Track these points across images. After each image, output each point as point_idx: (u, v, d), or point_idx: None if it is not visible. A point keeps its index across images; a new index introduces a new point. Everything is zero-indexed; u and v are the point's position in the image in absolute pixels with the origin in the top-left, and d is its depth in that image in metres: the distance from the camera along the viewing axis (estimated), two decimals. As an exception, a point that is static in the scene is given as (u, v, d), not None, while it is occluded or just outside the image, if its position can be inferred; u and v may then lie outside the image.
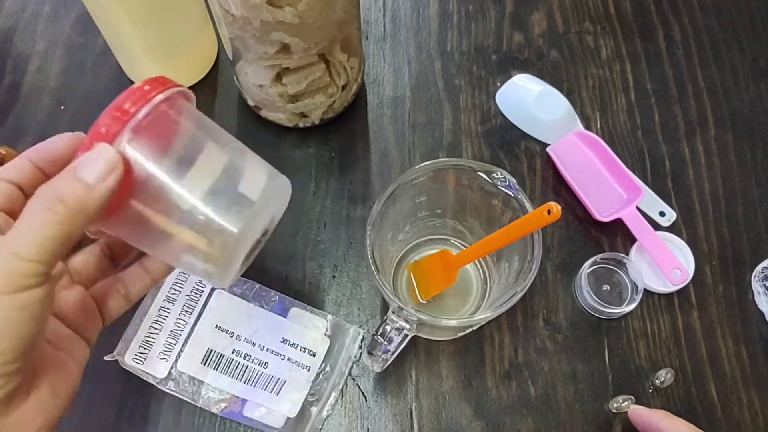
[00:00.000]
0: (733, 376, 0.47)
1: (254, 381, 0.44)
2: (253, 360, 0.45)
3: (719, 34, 0.59)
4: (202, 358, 0.44)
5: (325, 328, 0.46)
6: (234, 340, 0.45)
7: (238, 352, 0.45)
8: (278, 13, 0.41)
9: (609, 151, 0.52)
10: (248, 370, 0.45)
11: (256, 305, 0.46)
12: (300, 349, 0.45)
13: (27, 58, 0.58)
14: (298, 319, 0.46)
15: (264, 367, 0.45)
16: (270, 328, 0.45)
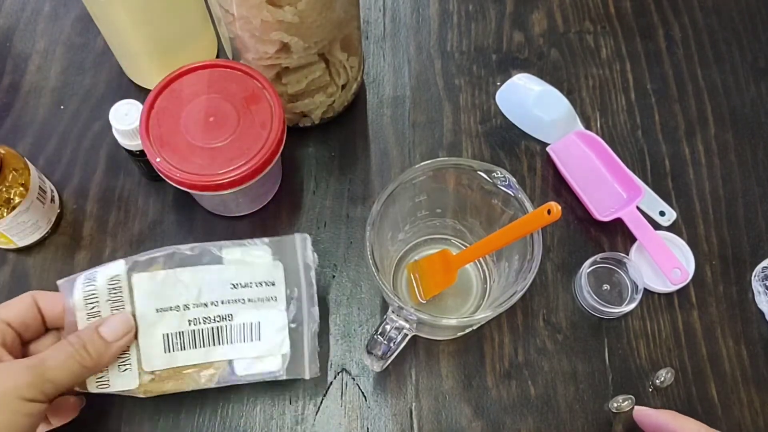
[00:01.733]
0: (733, 375, 0.47)
1: (228, 338, 0.41)
2: (214, 319, 0.41)
3: (719, 33, 0.59)
4: (162, 347, 0.40)
5: (269, 253, 0.42)
6: (183, 312, 0.40)
7: (194, 321, 0.40)
8: (278, 12, 0.41)
9: (609, 151, 0.52)
10: (215, 331, 0.41)
11: (184, 269, 0.41)
12: (255, 285, 0.41)
13: (27, 57, 0.58)
14: (237, 259, 0.41)
15: (229, 320, 0.41)
16: (212, 282, 0.41)
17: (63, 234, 0.51)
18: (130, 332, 0.38)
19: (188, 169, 0.43)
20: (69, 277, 0.40)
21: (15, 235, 0.47)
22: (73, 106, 0.56)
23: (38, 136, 0.54)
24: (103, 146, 0.54)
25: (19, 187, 0.46)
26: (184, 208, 0.51)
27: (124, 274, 0.40)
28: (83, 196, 0.52)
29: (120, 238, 0.50)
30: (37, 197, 0.47)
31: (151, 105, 0.45)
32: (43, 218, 0.48)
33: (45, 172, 0.51)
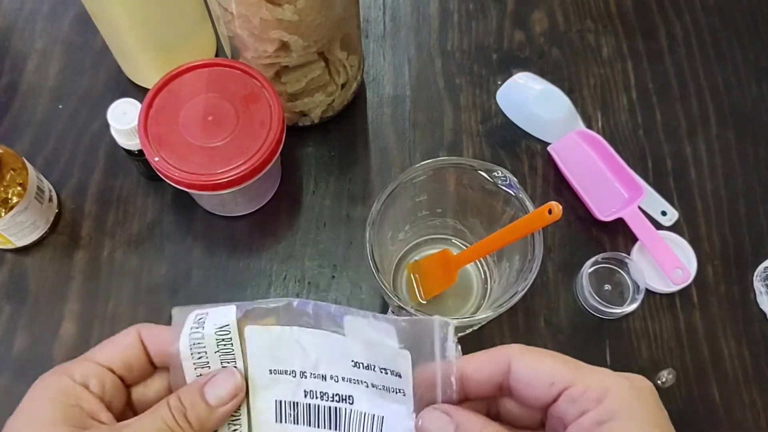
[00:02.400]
0: (735, 376, 0.46)
1: (346, 425, 0.33)
2: (332, 397, 0.33)
3: (721, 32, 0.59)
4: (274, 415, 0.33)
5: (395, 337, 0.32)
6: (299, 380, 0.33)
7: (311, 393, 0.33)
8: (277, 10, 0.41)
9: (610, 150, 0.51)
10: (332, 411, 0.33)
11: (302, 329, 0.33)
12: (380, 370, 0.32)
13: (25, 56, 0.57)
14: (358, 331, 0.33)
15: (349, 402, 0.33)
16: (332, 353, 0.33)
17: (61, 234, 0.50)
18: (239, 395, 0.31)
19: (187, 168, 0.43)
20: (183, 308, 0.32)
21: (13, 235, 0.47)
22: (71, 105, 0.55)
23: (36, 136, 0.54)
24: (102, 146, 0.53)
25: (17, 187, 0.45)
26: (183, 207, 0.51)
27: (235, 324, 0.32)
28: (82, 195, 0.52)
29: (118, 238, 0.50)
30: (35, 197, 0.47)
31: (150, 104, 0.45)
32: (41, 218, 0.48)
33: (43, 171, 0.51)
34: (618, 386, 0.25)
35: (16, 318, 0.48)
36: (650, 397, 0.26)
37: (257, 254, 0.50)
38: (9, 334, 0.47)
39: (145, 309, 0.48)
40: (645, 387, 0.26)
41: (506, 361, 0.27)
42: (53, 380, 0.28)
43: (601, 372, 0.26)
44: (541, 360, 0.27)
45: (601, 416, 0.25)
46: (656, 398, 0.26)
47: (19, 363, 0.46)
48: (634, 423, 0.25)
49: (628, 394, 0.25)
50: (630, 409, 0.25)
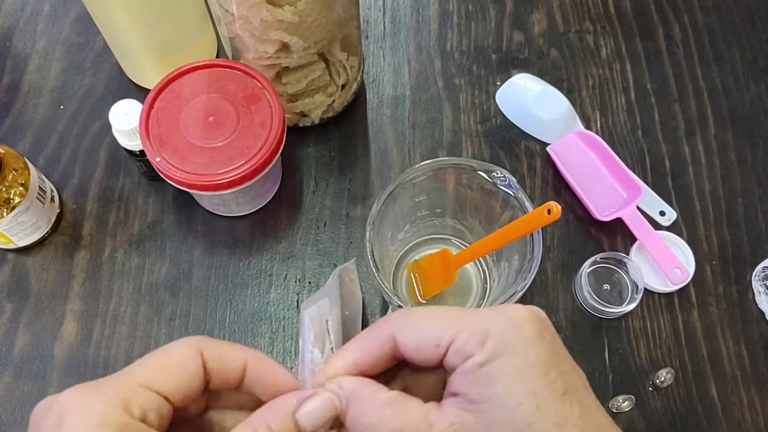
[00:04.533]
0: (733, 375, 0.47)
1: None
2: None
3: (719, 33, 0.59)
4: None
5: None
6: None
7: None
8: (278, 12, 0.41)
9: (609, 151, 0.52)
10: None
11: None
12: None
13: (26, 57, 0.58)
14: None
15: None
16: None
17: (63, 234, 0.51)
18: (332, 418, 0.26)
19: (188, 168, 0.43)
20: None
21: (15, 234, 0.47)
22: (72, 106, 0.56)
23: (38, 136, 0.54)
24: (103, 146, 0.54)
25: (19, 187, 0.46)
26: (183, 207, 0.51)
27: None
28: (83, 195, 0.52)
29: (120, 238, 0.50)
30: (37, 197, 0.47)
31: (151, 105, 0.45)
32: (42, 218, 0.48)
33: (45, 171, 0.51)
34: (497, 326, 0.24)
35: (17, 317, 0.48)
36: (529, 329, 0.24)
37: (258, 254, 0.50)
38: (11, 334, 0.47)
39: (146, 308, 0.48)
40: (523, 319, 0.24)
41: (389, 336, 0.26)
42: (107, 414, 0.22)
43: (481, 316, 0.25)
44: (421, 323, 0.25)
45: (482, 358, 0.24)
46: (537, 328, 0.24)
47: (21, 362, 0.46)
48: (514, 361, 0.23)
49: (506, 331, 0.24)
50: (508, 347, 0.24)
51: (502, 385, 0.23)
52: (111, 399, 0.23)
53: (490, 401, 0.23)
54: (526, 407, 0.23)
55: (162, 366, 0.24)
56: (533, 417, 0.23)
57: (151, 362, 0.24)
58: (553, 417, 0.23)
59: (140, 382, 0.23)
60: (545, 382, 0.23)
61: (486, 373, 0.24)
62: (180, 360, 0.25)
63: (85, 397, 0.23)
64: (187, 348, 0.25)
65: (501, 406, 0.23)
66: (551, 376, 0.23)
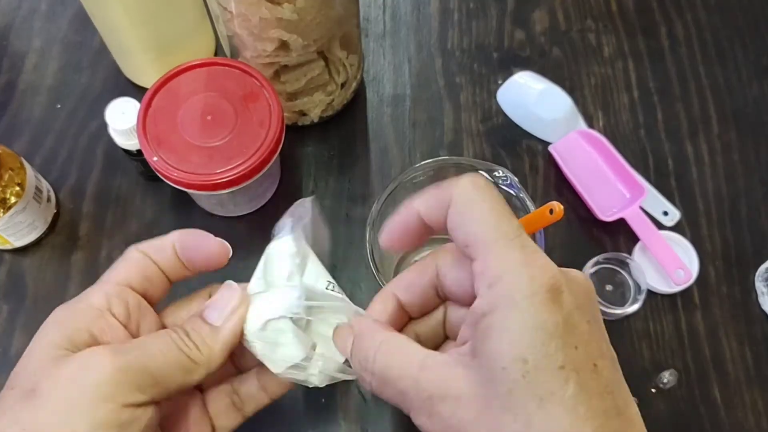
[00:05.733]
0: (737, 377, 0.46)
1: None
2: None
3: (722, 31, 0.59)
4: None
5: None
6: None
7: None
8: (276, 9, 0.40)
9: (612, 150, 0.51)
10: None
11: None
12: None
13: (23, 56, 0.57)
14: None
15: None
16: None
17: (59, 234, 0.50)
18: (241, 307, 0.29)
19: (186, 168, 0.43)
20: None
21: (11, 235, 0.47)
22: (69, 105, 0.55)
23: (34, 136, 0.54)
24: (100, 145, 0.53)
25: (15, 187, 0.45)
26: (181, 208, 0.51)
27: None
28: (80, 195, 0.51)
29: (117, 239, 0.50)
30: (34, 197, 0.47)
31: (148, 103, 0.44)
32: (39, 218, 0.48)
33: (41, 171, 0.50)
34: (512, 274, 0.22)
35: (14, 318, 0.47)
36: (545, 291, 0.21)
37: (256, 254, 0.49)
38: (7, 335, 0.47)
39: (143, 309, 0.48)
40: (544, 284, 0.22)
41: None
42: (69, 305, 0.28)
43: (509, 254, 0.22)
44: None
45: (483, 306, 0.22)
46: (556, 293, 0.22)
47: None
48: (513, 319, 0.21)
49: (518, 284, 0.22)
50: (512, 302, 0.21)
51: (494, 342, 0.21)
52: (80, 296, 0.28)
53: (481, 357, 0.22)
54: (511, 373, 0.21)
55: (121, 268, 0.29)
56: (514, 385, 0.21)
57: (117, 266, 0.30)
58: (537, 389, 0.21)
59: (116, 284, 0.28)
60: (541, 351, 0.21)
61: (484, 324, 0.22)
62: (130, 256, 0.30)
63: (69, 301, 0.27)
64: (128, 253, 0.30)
65: (487, 365, 0.21)
66: (551, 346, 0.21)
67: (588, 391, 0.21)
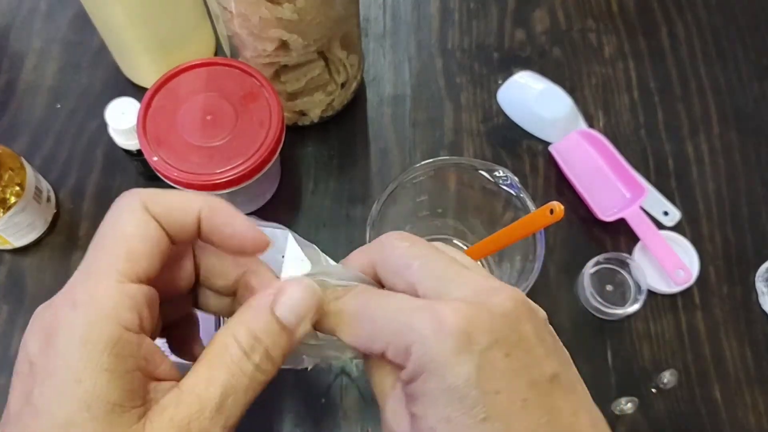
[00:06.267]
0: (737, 377, 0.46)
1: None
2: None
3: (723, 31, 0.59)
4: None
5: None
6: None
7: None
8: (277, 9, 0.40)
9: (612, 150, 0.51)
10: None
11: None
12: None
13: (23, 56, 0.57)
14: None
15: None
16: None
17: (59, 234, 0.50)
18: (314, 308, 0.23)
19: (185, 168, 0.43)
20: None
21: (11, 235, 0.47)
22: (69, 104, 0.55)
23: (34, 136, 0.54)
24: (100, 145, 0.53)
25: (15, 187, 0.45)
26: (181, 207, 0.51)
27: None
28: (80, 195, 0.51)
29: (117, 239, 0.50)
30: (34, 197, 0.47)
31: (148, 103, 0.44)
32: (39, 218, 0.48)
33: (41, 171, 0.50)
34: (420, 342, 0.21)
35: (14, 318, 0.47)
36: (451, 342, 0.20)
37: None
38: (7, 335, 0.47)
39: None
40: (452, 327, 0.21)
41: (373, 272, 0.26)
42: (102, 332, 0.19)
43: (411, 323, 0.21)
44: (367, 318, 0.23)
45: (406, 377, 0.21)
46: (463, 339, 0.20)
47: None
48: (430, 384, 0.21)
49: (427, 348, 0.21)
50: (426, 368, 0.21)
51: (419, 407, 0.21)
52: (96, 311, 0.20)
53: (412, 419, 0.22)
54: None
55: (125, 249, 0.21)
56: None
57: (112, 249, 0.21)
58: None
59: (118, 278, 0.20)
60: (461, 408, 0.20)
61: (409, 391, 0.22)
62: (136, 232, 0.21)
63: (78, 318, 0.20)
64: (134, 214, 0.21)
65: (418, 427, 0.21)
66: (469, 400, 0.20)
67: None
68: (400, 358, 0.22)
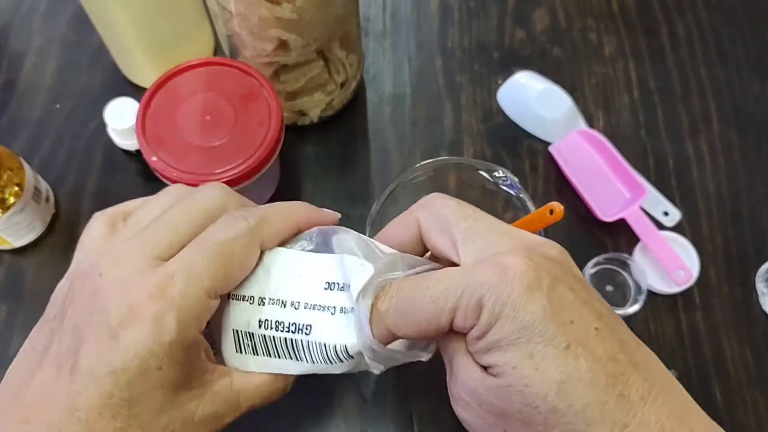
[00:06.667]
0: (737, 377, 0.46)
1: (305, 355, 0.29)
2: (288, 328, 0.29)
3: (723, 30, 0.59)
4: (234, 347, 0.30)
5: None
6: (257, 307, 0.29)
7: (266, 324, 0.29)
8: (276, 9, 0.40)
9: (612, 150, 0.51)
10: (288, 344, 0.29)
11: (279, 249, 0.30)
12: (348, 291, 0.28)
13: (22, 55, 0.57)
14: (350, 247, 0.29)
15: (305, 333, 0.29)
16: (301, 274, 0.29)
17: (58, 234, 0.50)
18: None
19: (185, 168, 0.42)
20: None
21: (10, 235, 0.47)
22: (68, 104, 0.55)
23: (33, 136, 0.54)
24: (99, 145, 0.53)
25: (14, 187, 0.45)
26: (181, 207, 0.51)
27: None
28: (79, 196, 0.51)
29: (116, 239, 0.50)
30: (33, 197, 0.46)
31: (148, 103, 0.44)
32: (38, 218, 0.48)
33: (40, 171, 0.50)
34: (490, 293, 0.22)
35: (12, 319, 0.47)
36: (519, 285, 0.22)
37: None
38: (6, 335, 0.47)
39: (143, 310, 0.48)
40: (516, 274, 0.22)
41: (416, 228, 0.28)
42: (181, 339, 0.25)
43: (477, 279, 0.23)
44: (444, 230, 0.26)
45: (478, 332, 0.23)
46: (529, 280, 0.22)
47: (16, 364, 0.46)
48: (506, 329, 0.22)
49: (498, 297, 0.22)
50: (500, 316, 0.22)
51: (497, 354, 0.22)
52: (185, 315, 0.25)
53: (490, 369, 0.23)
54: (523, 370, 0.22)
55: (224, 272, 0.26)
56: (530, 378, 0.22)
57: (215, 266, 0.26)
58: (554, 375, 0.21)
59: (209, 293, 0.26)
60: (542, 341, 0.22)
61: (482, 345, 0.23)
62: (242, 262, 0.27)
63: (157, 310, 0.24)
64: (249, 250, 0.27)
65: (499, 372, 0.22)
66: (549, 332, 0.22)
67: (599, 359, 0.22)
68: (470, 318, 0.23)
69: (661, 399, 0.23)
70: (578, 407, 0.21)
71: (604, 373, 0.22)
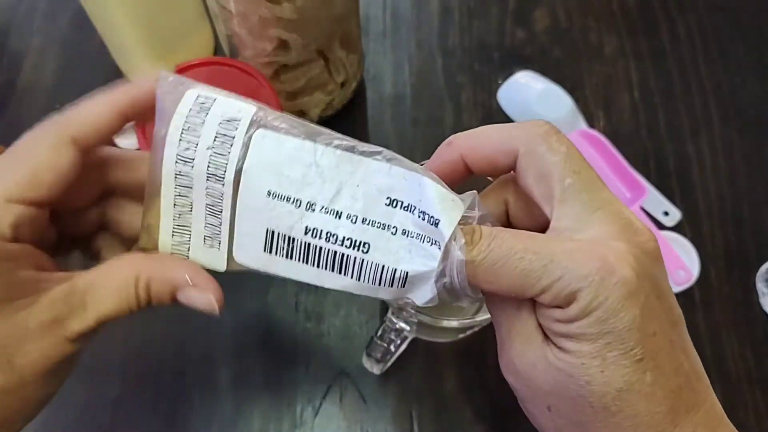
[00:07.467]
0: (737, 377, 0.46)
1: (357, 274, 0.26)
2: (342, 242, 0.26)
3: (724, 30, 0.59)
4: (263, 246, 0.27)
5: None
6: (304, 212, 0.26)
7: (314, 232, 0.26)
8: (276, 8, 0.40)
9: (613, 150, 0.51)
10: (338, 258, 0.26)
11: (327, 147, 0.26)
12: (419, 215, 0.25)
13: (22, 55, 0.57)
14: (404, 163, 0.27)
15: (363, 251, 0.26)
16: (362, 185, 0.26)
17: (59, 234, 0.50)
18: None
19: (185, 168, 0.42)
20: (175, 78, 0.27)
21: (10, 235, 0.47)
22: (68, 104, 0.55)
23: (34, 135, 0.54)
24: (100, 145, 0.53)
25: (14, 187, 0.45)
26: (181, 207, 0.51)
27: (247, 122, 0.26)
28: (79, 195, 0.51)
29: (116, 238, 0.50)
30: (32, 197, 0.46)
31: (148, 103, 0.44)
32: (38, 218, 0.48)
33: (40, 171, 0.50)
34: (588, 288, 0.21)
35: (13, 319, 0.47)
36: (621, 291, 0.21)
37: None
38: (6, 335, 0.47)
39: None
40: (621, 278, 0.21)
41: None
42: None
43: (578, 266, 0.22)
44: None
45: (562, 316, 0.22)
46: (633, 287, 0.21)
47: (16, 364, 0.46)
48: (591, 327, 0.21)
49: (595, 296, 0.21)
50: (590, 314, 0.21)
51: (572, 343, 0.22)
52: None
53: (559, 351, 0.23)
54: (589, 368, 0.22)
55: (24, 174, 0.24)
56: (594, 377, 0.21)
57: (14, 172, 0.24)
58: (617, 383, 0.21)
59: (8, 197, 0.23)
60: (620, 349, 0.21)
61: (561, 329, 0.22)
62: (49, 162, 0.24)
63: None
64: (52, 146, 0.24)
65: (564, 358, 0.22)
66: (630, 342, 0.21)
67: (664, 373, 0.22)
68: (559, 301, 0.22)
69: (702, 411, 0.23)
70: (629, 413, 0.21)
71: (664, 388, 0.22)
